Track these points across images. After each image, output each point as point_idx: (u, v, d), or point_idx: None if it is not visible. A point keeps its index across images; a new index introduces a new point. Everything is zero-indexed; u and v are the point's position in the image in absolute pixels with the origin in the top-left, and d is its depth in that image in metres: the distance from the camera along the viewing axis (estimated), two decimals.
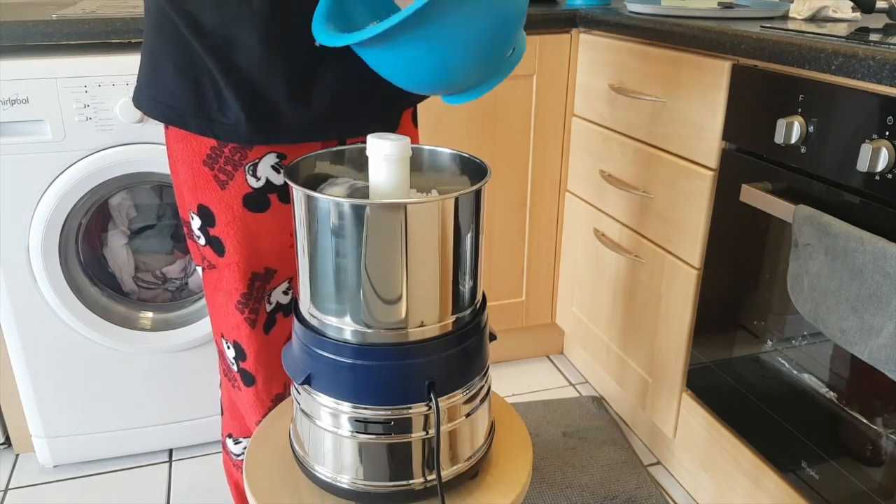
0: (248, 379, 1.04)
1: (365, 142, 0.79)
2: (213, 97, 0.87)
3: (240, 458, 1.17)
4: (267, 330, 1.02)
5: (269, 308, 1.01)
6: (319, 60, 0.86)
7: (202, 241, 0.98)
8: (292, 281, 1.03)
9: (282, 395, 1.07)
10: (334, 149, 0.88)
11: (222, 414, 1.17)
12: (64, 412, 1.55)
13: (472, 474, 0.86)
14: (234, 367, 1.05)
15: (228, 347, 1.04)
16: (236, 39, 0.83)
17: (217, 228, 0.95)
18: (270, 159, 0.93)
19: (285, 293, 1.02)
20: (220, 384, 1.15)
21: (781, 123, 1.09)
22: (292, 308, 1.06)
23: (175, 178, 0.97)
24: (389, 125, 0.98)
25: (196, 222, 0.97)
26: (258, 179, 0.93)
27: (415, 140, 1.07)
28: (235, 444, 1.16)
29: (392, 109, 0.98)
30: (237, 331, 1.01)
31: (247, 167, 0.92)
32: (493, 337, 0.89)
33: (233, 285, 0.98)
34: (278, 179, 0.94)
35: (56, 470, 1.62)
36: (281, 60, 0.85)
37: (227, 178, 0.92)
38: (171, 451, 1.69)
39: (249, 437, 1.14)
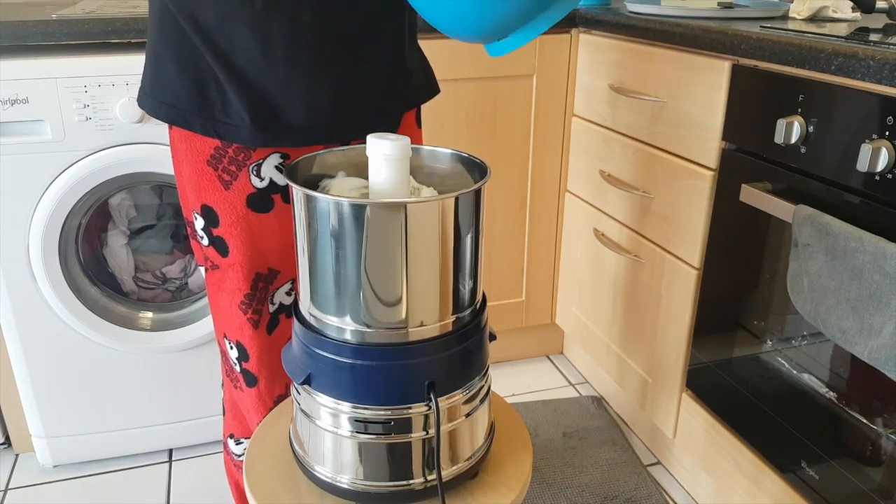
0: (251, 379, 1.04)
1: (365, 142, 0.79)
2: (216, 97, 0.87)
3: (241, 458, 1.17)
4: (270, 330, 1.02)
5: (272, 309, 1.01)
6: (322, 62, 0.87)
7: (205, 241, 0.98)
8: (295, 281, 1.03)
9: (284, 397, 1.07)
10: (335, 149, 0.88)
11: (224, 414, 1.17)
12: (64, 412, 1.55)
13: (472, 474, 0.86)
14: (237, 368, 1.05)
15: (231, 348, 1.04)
16: (238, 40, 0.83)
17: (220, 229, 0.95)
18: (274, 160, 0.93)
19: (288, 294, 1.02)
20: (223, 384, 1.15)
21: (781, 123, 1.09)
22: (292, 308, 1.06)
23: (179, 178, 0.97)
24: (390, 126, 0.98)
25: (199, 222, 0.97)
26: (262, 180, 0.93)
27: (418, 141, 1.07)
28: (237, 444, 1.16)
29: (394, 111, 0.98)
30: (240, 331, 1.01)
31: (251, 167, 0.92)
32: (493, 337, 0.89)
33: (236, 286, 0.98)
34: (282, 180, 0.94)
35: (56, 470, 1.62)
36: (283, 62, 0.85)
37: (230, 179, 0.92)
38: (171, 451, 1.69)
39: (251, 437, 1.14)
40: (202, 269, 1.04)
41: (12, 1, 1.72)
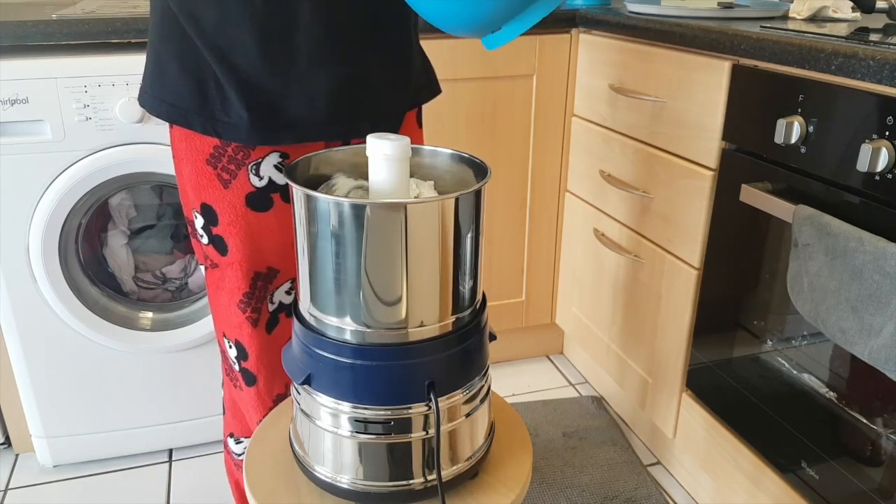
0: (250, 378, 1.04)
1: (365, 142, 0.79)
2: (216, 96, 0.87)
3: (241, 457, 1.17)
4: (269, 329, 1.02)
5: (271, 308, 1.01)
6: (322, 61, 0.87)
7: (205, 240, 0.98)
8: (295, 281, 1.03)
9: (283, 396, 1.07)
10: (335, 149, 0.88)
11: (224, 413, 1.17)
12: (64, 412, 1.55)
13: (472, 474, 0.86)
14: (236, 367, 1.05)
15: (230, 347, 1.04)
16: (238, 39, 0.84)
17: (220, 227, 0.95)
18: (273, 159, 0.93)
19: (288, 293, 1.03)
20: (223, 384, 1.15)
21: (781, 123, 1.09)
22: (292, 308, 1.06)
23: (179, 177, 0.97)
24: (391, 126, 0.98)
25: (199, 221, 0.97)
26: (261, 179, 0.93)
27: (419, 141, 1.07)
28: (237, 443, 1.16)
29: (395, 111, 0.98)
30: (239, 330, 1.01)
31: (250, 166, 0.92)
32: (493, 337, 0.89)
33: (235, 284, 0.98)
34: (281, 179, 0.94)
35: (56, 470, 1.62)
36: (282, 61, 0.85)
37: (230, 177, 0.92)
38: (171, 451, 1.69)
39: (251, 436, 1.14)
40: (202, 267, 1.04)
41: (12, 1, 1.72)
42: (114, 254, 1.59)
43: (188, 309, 1.59)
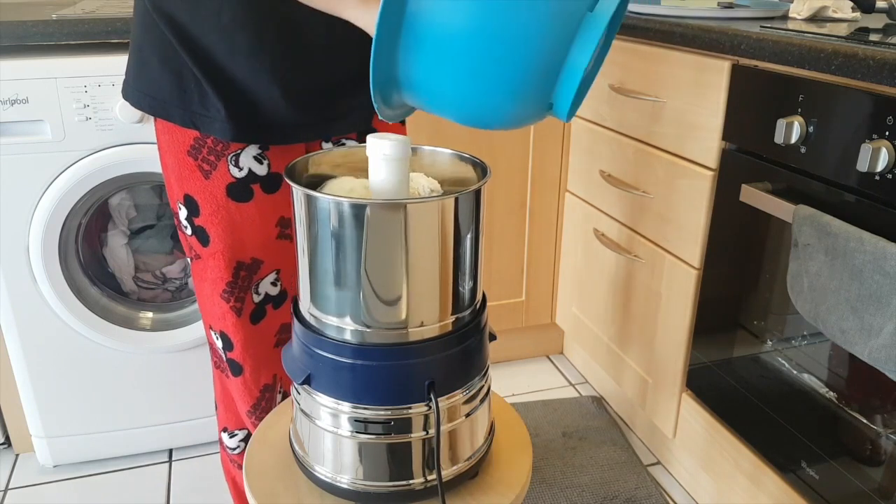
0: (236, 369, 1.06)
1: (363, 141, 0.79)
2: (194, 90, 0.90)
3: (235, 451, 1.17)
4: (254, 320, 1.03)
5: (257, 299, 1.03)
6: (286, 73, 0.89)
7: (188, 230, 1.00)
8: (280, 273, 1.04)
9: (270, 386, 1.08)
10: (335, 149, 0.89)
11: (216, 409, 1.18)
12: (64, 412, 1.55)
13: (472, 474, 0.86)
14: (224, 358, 1.07)
15: (217, 338, 1.05)
16: (209, 43, 0.86)
17: (201, 218, 0.97)
18: (252, 150, 0.95)
19: (273, 284, 1.04)
20: (213, 378, 1.16)
21: (781, 123, 1.09)
22: (284, 301, 1.07)
23: (164, 169, 0.99)
24: (366, 125, 1.00)
25: (183, 212, 0.99)
26: (241, 169, 0.95)
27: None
28: (231, 437, 1.16)
29: (369, 111, 0.99)
30: (223, 320, 1.02)
31: (229, 157, 0.94)
32: (492, 337, 0.89)
33: (217, 274, 0.99)
34: (260, 170, 0.96)
35: (56, 470, 1.62)
36: (247, 70, 0.88)
37: (210, 168, 0.94)
38: (171, 451, 1.69)
39: (244, 428, 1.15)
40: (189, 260, 1.05)
41: (12, 1, 1.72)
42: (114, 254, 1.59)
43: (188, 309, 1.59)
